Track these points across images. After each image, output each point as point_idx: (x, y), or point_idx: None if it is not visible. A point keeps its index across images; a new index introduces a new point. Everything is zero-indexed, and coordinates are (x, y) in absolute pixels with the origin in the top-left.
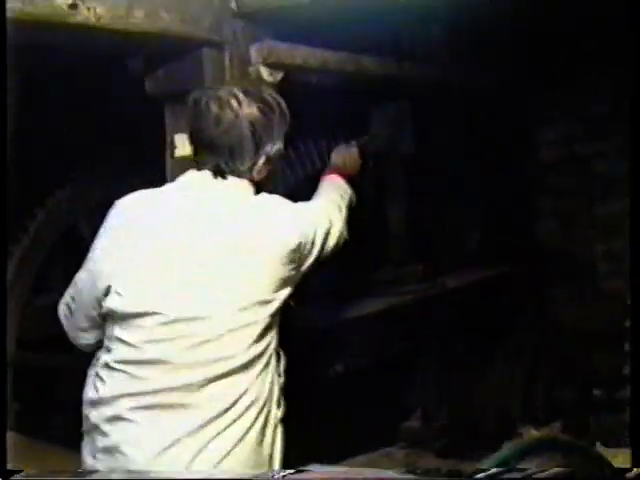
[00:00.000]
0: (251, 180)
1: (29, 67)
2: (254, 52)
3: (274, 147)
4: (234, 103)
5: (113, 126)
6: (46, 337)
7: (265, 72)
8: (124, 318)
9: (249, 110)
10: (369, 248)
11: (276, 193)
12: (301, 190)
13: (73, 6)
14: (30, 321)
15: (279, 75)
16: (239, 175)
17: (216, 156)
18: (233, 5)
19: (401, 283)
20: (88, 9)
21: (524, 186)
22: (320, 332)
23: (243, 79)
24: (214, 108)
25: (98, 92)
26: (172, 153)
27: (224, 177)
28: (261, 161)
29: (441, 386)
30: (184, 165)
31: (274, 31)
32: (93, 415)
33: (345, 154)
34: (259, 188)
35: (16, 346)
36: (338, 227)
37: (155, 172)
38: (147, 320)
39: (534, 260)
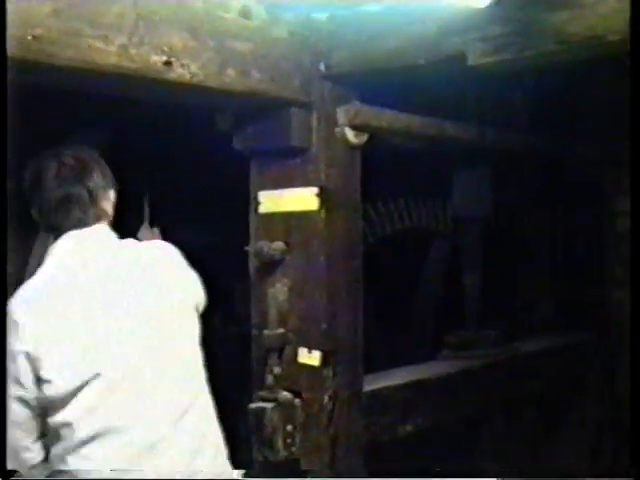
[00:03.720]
0: None
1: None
2: (341, 113)
3: None
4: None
5: (199, 181)
6: None
7: (351, 134)
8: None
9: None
10: (444, 311)
11: (356, 252)
12: (380, 249)
13: (168, 63)
14: None
15: (364, 137)
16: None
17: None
18: (322, 67)
19: (474, 347)
20: (182, 66)
21: (599, 255)
22: (393, 392)
23: (329, 140)
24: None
25: (185, 146)
26: (256, 209)
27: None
28: None
29: (507, 450)
30: (267, 221)
31: (360, 93)
32: None
33: None
34: None
35: None
36: None
37: (239, 227)
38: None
39: (605, 330)
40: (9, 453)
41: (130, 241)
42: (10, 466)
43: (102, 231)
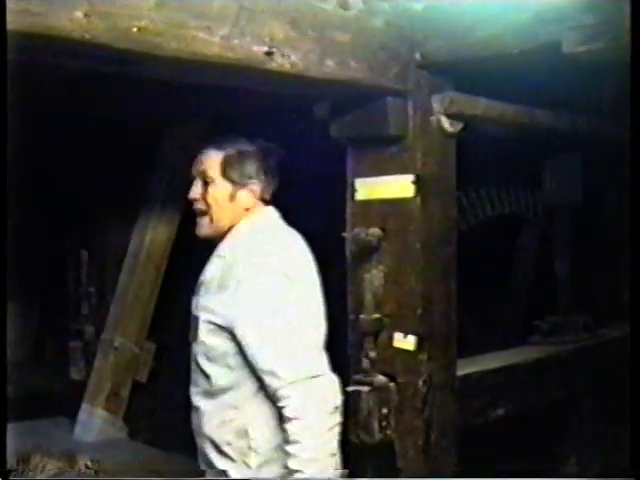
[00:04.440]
0: None
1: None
2: (436, 102)
3: None
4: None
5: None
6: None
7: (446, 122)
8: None
9: None
10: (534, 297)
11: (450, 238)
12: (472, 234)
13: (269, 53)
14: None
15: (459, 126)
16: None
17: None
18: (417, 56)
19: (563, 333)
20: (283, 56)
21: None
22: (484, 376)
23: (424, 128)
24: None
25: (282, 135)
26: (352, 196)
27: None
28: None
29: (595, 435)
30: (364, 208)
31: (455, 82)
32: None
33: None
34: None
35: None
36: None
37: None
38: None
39: None
40: None
41: None
42: None
43: None
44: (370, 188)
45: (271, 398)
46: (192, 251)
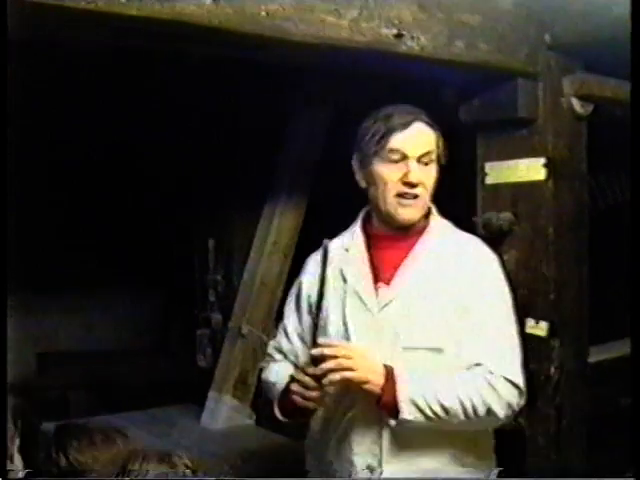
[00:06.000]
0: None
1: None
2: (566, 84)
3: None
4: None
5: None
6: None
7: (577, 104)
8: None
9: None
10: None
11: (582, 222)
12: (602, 220)
13: (399, 36)
14: None
15: (590, 107)
16: None
17: None
18: (547, 37)
19: None
20: (412, 38)
21: None
22: (616, 364)
23: (555, 110)
24: None
25: None
26: (483, 180)
27: None
28: None
29: None
30: (494, 192)
31: (585, 63)
32: None
33: None
34: None
35: None
36: None
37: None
38: None
39: None
40: None
41: None
42: None
43: None
44: (500, 172)
45: None
46: (318, 238)
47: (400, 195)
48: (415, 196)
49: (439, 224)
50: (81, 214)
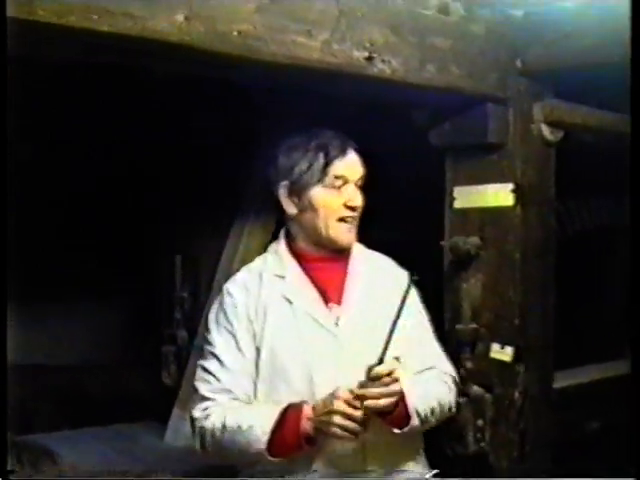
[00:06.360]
0: None
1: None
2: (537, 110)
3: None
4: None
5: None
6: None
7: (547, 130)
8: None
9: None
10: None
11: (549, 248)
12: (570, 246)
13: (370, 59)
14: None
15: (560, 134)
16: None
17: None
18: (518, 63)
19: None
20: (383, 62)
21: None
22: (581, 389)
23: (525, 136)
24: None
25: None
26: (451, 204)
27: None
28: None
29: None
30: (462, 217)
31: (556, 90)
32: None
33: None
34: None
35: None
36: None
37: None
38: None
39: None
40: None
41: None
42: None
43: None
44: (469, 196)
45: None
46: None
47: (341, 219)
48: (353, 219)
49: (357, 245)
50: (47, 227)
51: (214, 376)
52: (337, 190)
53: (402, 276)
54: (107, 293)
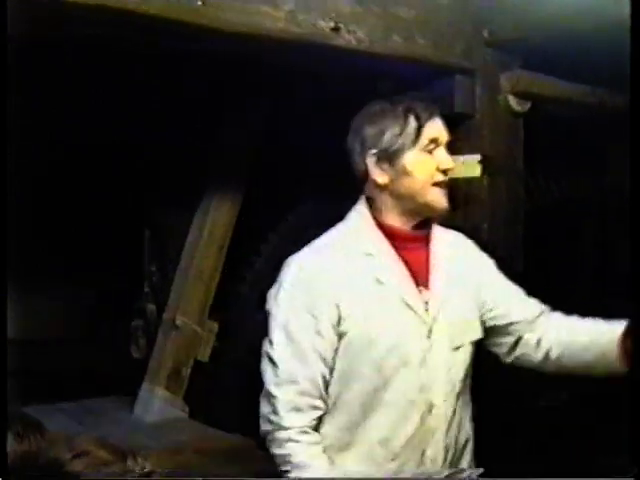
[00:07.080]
0: None
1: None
2: (504, 80)
3: None
4: None
5: None
6: None
7: (514, 101)
8: None
9: None
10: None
11: (517, 218)
12: (538, 218)
13: (336, 29)
14: None
15: (527, 105)
16: None
17: None
18: (485, 33)
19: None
20: (349, 32)
21: None
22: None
23: (492, 107)
24: None
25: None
26: None
27: None
28: None
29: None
30: None
31: (523, 61)
32: None
33: None
34: None
35: None
36: None
37: None
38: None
39: None
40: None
41: None
42: None
43: None
44: None
45: None
46: (255, 230)
47: (436, 184)
48: (446, 184)
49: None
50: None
51: (282, 365)
52: (429, 154)
53: (472, 249)
54: (75, 268)
